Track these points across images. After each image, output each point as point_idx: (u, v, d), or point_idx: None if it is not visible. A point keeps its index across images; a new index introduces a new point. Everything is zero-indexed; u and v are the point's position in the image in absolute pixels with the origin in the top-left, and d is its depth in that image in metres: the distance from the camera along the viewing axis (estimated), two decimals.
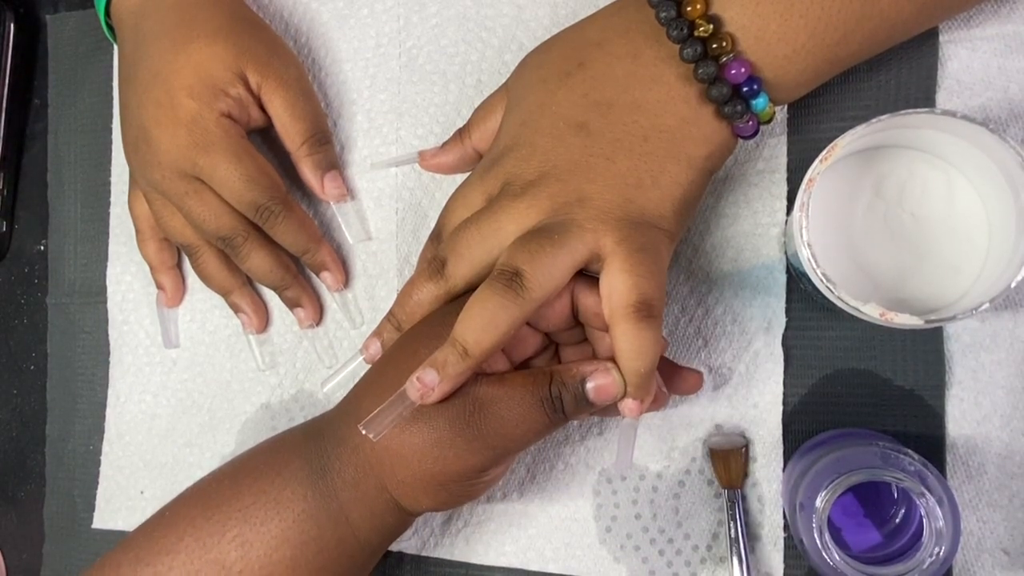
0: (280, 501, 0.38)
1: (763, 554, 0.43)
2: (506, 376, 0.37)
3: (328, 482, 0.38)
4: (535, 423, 0.36)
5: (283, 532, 0.38)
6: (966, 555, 0.41)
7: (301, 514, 0.38)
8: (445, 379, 0.35)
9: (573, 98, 0.38)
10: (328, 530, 0.38)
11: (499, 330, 0.35)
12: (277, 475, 0.39)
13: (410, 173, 0.49)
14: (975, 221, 0.39)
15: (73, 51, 0.56)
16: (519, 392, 0.36)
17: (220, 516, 0.38)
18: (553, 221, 0.37)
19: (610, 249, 0.36)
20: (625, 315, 0.35)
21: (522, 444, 0.37)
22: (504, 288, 0.35)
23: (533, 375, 0.37)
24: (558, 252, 0.36)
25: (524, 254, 0.36)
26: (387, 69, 0.50)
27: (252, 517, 0.38)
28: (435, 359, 0.35)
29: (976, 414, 0.41)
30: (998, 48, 0.42)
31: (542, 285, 0.35)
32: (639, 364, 0.36)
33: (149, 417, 0.52)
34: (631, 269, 0.35)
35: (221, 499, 0.39)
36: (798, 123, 0.44)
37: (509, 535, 0.46)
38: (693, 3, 0.36)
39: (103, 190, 0.55)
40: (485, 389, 0.36)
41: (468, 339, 0.35)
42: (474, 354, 0.35)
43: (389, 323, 0.41)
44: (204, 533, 0.38)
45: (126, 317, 0.53)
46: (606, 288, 0.36)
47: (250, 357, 0.51)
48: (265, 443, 0.42)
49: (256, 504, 0.38)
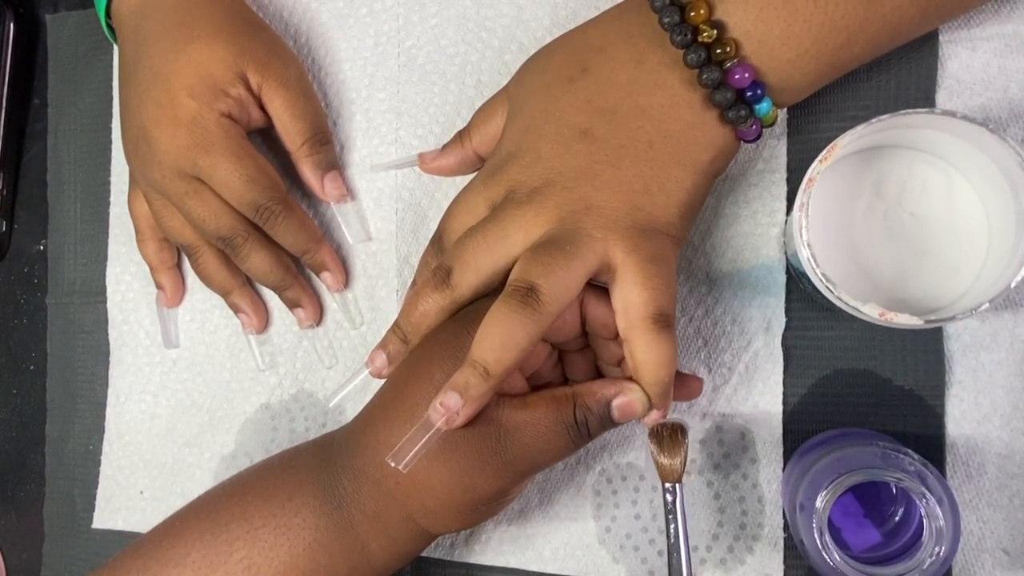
0: (290, 528, 0.38)
1: (763, 554, 0.43)
2: (528, 400, 0.37)
3: (344, 514, 0.38)
4: (560, 448, 0.36)
5: (292, 559, 0.37)
6: (966, 555, 0.41)
7: (312, 543, 0.37)
8: (469, 402, 0.34)
9: (577, 104, 0.38)
10: (340, 559, 0.38)
11: (519, 347, 0.34)
12: (288, 500, 0.38)
13: (410, 174, 0.49)
14: (975, 221, 0.39)
15: (73, 51, 0.56)
16: (544, 418, 0.36)
17: (228, 535, 0.38)
18: (561, 230, 0.36)
19: (620, 260, 0.36)
20: (645, 328, 0.35)
21: (547, 465, 0.37)
22: (520, 304, 0.35)
23: (555, 400, 0.37)
24: (571, 264, 0.35)
25: (538, 268, 0.35)
26: (386, 69, 0.50)
27: (260, 541, 0.38)
28: (456, 382, 0.35)
29: (976, 414, 0.41)
30: (998, 48, 0.42)
31: (558, 299, 0.35)
32: (662, 374, 0.36)
33: (149, 417, 0.52)
34: (645, 282, 0.35)
35: (230, 516, 0.39)
36: (798, 123, 0.44)
37: (508, 535, 0.46)
38: (697, 8, 0.36)
39: (103, 190, 0.55)
40: (509, 414, 0.36)
41: (488, 359, 0.34)
42: (495, 373, 0.34)
43: (395, 335, 0.40)
44: (211, 551, 0.38)
45: (126, 317, 0.53)
46: (621, 302, 0.36)
47: (250, 357, 0.51)
48: (274, 461, 0.41)
49: (265, 528, 0.38)
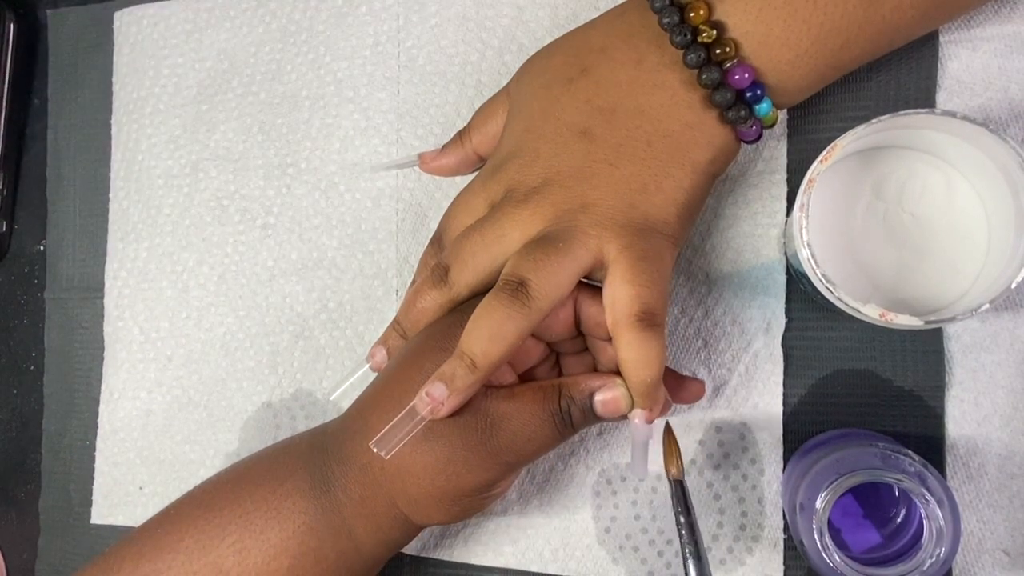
0: (280, 511, 0.38)
1: (763, 555, 0.43)
2: (515, 390, 0.37)
3: (332, 498, 0.38)
4: (546, 437, 0.36)
5: (282, 542, 0.38)
6: (966, 556, 0.41)
7: (301, 526, 0.38)
8: (454, 393, 0.35)
9: (576, 104, 0.38)
10: (328, 543, 0.38)
11: (506, 341, 0.35)
12: (279, 485, 0.39)
13: (410, 174, 0.49)
14: (975, 221, 0.39)
15: (73, 47, 0.56)
16: (529, 407, 0.36)
17: (220, 520, 0.38)
18: (557, 228, 0.36)
19: (612, 257, 0.36)
20: (628, 325, 0.35)
21: (533, 457, 0.37)
22: (510, 298, 0.35)
23: (542, 389, 0.37)
24: (563, 260, 0.35)
25: (529, 263, 0.35)
26: (386, 68, 0.50)
27: (251, 524, 0.38)
28: (443, 372, 0.35)
29: (976, 414, 0.41)
30: (998, 48, 0.42)
31: (548, 294, 0.35)
32: (645, 374, 0.36)
33: (144, 413, 0.52)
34: (633, 279, 0.35)
35: (223, 502, 0.39)
36: (798, 123, 0.44)
37: (507, 536, 0.46)
38: (696, 9, 0.36)
39: (102, 185, 0.55)
40: (495, 404, 0.36)
41: (476, 351, 0.35)
42: (482, 366, 0.35)
43: (394, 331, 0.40)
44: (204, 535, 0.38)
45: (121, 313, 0.53)
46: (609, 298, 0.36)
47: (247, 356, 0.51)
48: (269, 450, 0.42)
49: (256, 511, 0.38)
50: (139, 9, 0.55)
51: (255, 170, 0.52)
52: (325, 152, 0.50)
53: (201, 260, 0.52)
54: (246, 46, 0.53)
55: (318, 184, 0.50)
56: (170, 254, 0.53)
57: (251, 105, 0.52)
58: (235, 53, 0.53)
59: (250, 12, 0.53)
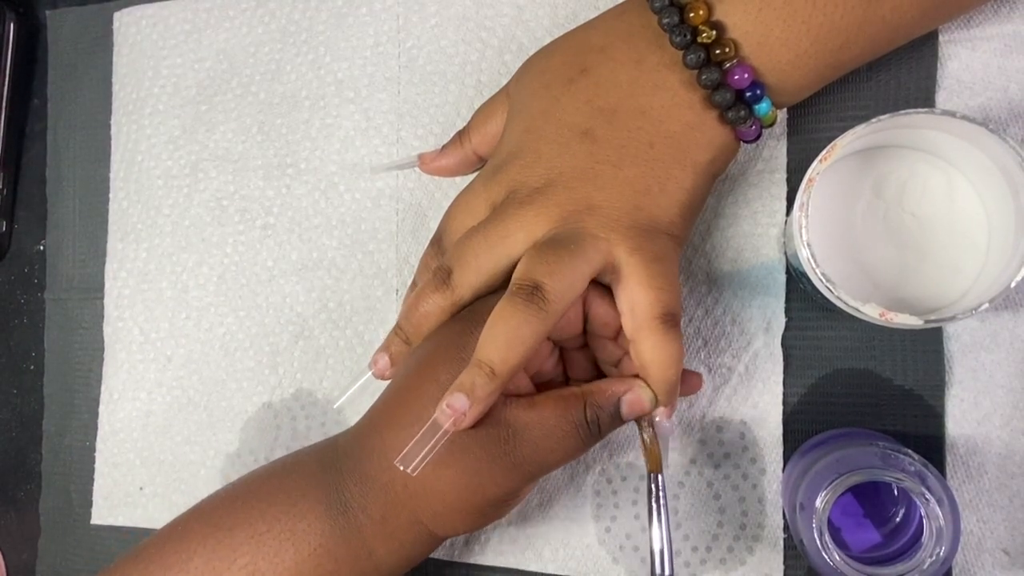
0: (296, 533, 0.37)
1: (763, 554, 0.43)
2: (536, 399, 0.36)
3: (350, 519, 0.37)
4: (571, 447, 0.36)
5: (297, 565, 0.37)
6: (966, 555, 0.41)
7: (318, 548, 0.37)
8: (475, 402, 0.34)
9: (577, 104, 0.38)
10: (346, 565, 0.37)
11: (524, 346, 0.34)
12: (292, 505, 0.38)
13: (410, 174, 0.49)
14: (975, 221, 0.39)
15: (72, 47, 0.56)
16: (552, 417, 0.36)
17: (231, 540, 0.38)
18: (564, 230, 0.36)
19: (624, 260, 0.36)
20: (653, 328, 0.35)
21: (556, 466, 0.37)
22: (525, 303, 0.34)
23: (563, 398, 0.36)
24: (576, 263, 0.35)
25: (543, 266, 0.35)
26: (386, 68, 0.50)
27: (265, 546, 0.37)
28: (462, 383, 0.34)
29: (976, 414, 0.41)
30: (998, 48, 0.42)
31: (563, 297, 0.35)
32: (670, 373, 0.36)
33: (143, 414, 0.52)
34: (650, 282, 0.35)
35: (233, 522, 0.38)
36: (798, 123, 0.44)
37: (508, 535, 0.46)
38: (696, 9, 0.36)
39: (102, 186, 0.55)
40: (516, 414, 0.36)
41: (494, 358, 0.34)
42: (501, 373, 0.34)
43: (397, 336, 0.40)
44: (215, 556, 0.38)
45: (121, 314, 0.53)
46: (627, 303, 0.36)
47: (246, 356, 0.51)
48: (276, 466, 0.41)
49: (270, 533, 0.37)
50: (138, 9, 0.55)
51: (255, 170, 0.52)
52: (325, 152, 0.51)
53: (201, 260, 0.52)
54: (245, 46, 0.53)
55: (318, 184, 0.50)
56: (170, 254, 0.53)
57: (251, 105, 0.52)
58: (234, 53, 0.53)
59: (249, 12, 0.53)
